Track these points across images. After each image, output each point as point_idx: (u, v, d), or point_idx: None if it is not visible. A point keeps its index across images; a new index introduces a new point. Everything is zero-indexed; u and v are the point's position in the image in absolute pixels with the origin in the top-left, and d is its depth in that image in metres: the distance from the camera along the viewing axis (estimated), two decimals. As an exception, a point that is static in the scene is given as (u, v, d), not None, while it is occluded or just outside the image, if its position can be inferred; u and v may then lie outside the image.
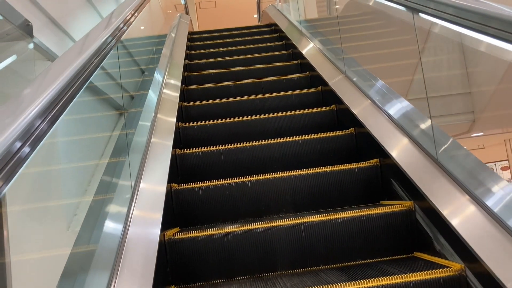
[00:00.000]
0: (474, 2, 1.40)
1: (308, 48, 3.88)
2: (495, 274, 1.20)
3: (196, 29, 11.22)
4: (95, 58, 1.56)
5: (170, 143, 2.31)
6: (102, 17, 3.35)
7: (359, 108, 2.45)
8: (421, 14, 1.79)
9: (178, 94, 3.09)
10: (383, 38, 3.10)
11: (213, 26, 14.51)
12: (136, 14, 2.57)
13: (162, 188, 1.88)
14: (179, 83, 3.32)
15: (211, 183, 2.10)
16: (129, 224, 1.59)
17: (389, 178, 2.03)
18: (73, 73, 1.31)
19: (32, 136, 0.98)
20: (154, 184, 1.89)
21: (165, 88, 3.06)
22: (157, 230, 1.59)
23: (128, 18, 2.25)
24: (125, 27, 2.16)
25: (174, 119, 2.64)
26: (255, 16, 14.15)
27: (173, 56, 3.90)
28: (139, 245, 1.50)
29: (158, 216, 1.68)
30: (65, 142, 1.67)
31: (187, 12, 7.85)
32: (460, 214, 1.45)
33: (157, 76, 3.11)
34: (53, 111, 1.12)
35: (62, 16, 2.66)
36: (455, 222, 1.43)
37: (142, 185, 1.85)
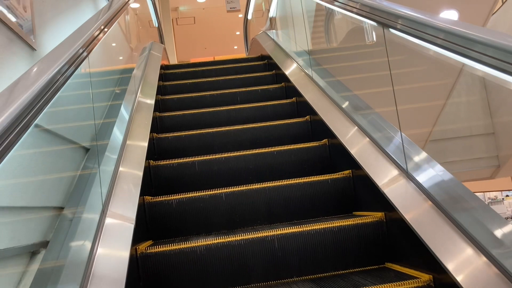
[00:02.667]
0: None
1: (310, 90, 2.94)
2: (461, 285, 1.22)
3: (173, 57, 9.61)
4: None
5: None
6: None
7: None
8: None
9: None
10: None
11: (191, 45, 13.88)
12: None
13: (135, 201, 1.87)
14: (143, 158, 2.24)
15: (184, 196, 2.09)
16: (100, 236, 1.57)
17: (361, 189, 2.06)
18: None
19: None
20: (126, 196, 1.87)
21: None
22: (128, 244, 1.58)
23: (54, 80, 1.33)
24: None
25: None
26: (238, 33, 13.51)
27: (143, 84, 3.20)
28: (108, 263, 1.48)
29: (129, 230, 1.67)
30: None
31: (161, 38, 6.31)
32: (427, 225, 1.48)
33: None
34: None
35: None
36: (423, 234, 1.45)
37: (114, 195, 1.83)
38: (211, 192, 2.11)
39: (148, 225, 2.06)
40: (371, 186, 1.86)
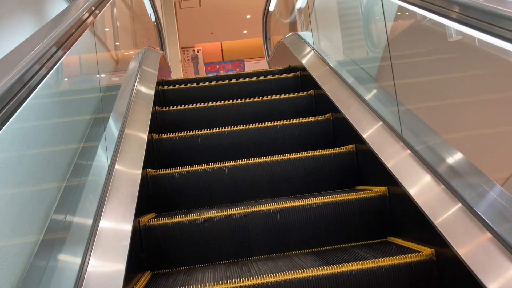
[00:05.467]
0: None
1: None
2: (463, 258, 1.22)
3: (175, 48, 8.50)
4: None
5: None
6: None
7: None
8: None
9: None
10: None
11: (196, 29, 12.97)
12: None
13: (138, 172, 1.86)
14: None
15: (187, 169, 2.09)
16: (103, 209, 1.57)
17: (364, 164, 2.05)
18: None
19: None
20: (129, 169, 1.87)
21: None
22: (131, 216, 1.58)
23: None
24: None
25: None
26: (248, 16, 12.69)
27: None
28: (111, 235, 1.48)
29: (132, 201, 1.67)
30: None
31: (160, 36, 4.60)
32: (431, 199, 1.47)
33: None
34: None
35: None
36: (426, 207, 1.45)
37: (117, 167, 1.82)
38: (214, 166, 2.10)
39: (151, 197, 2.06)
40: (375, 160, 1.85)
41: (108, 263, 1.38)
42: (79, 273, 1.27)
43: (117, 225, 1.54)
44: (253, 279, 1.40)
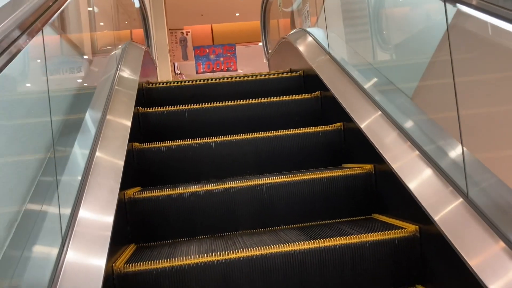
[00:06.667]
0: None
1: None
2: (446, 235, 1.24)
3: (163, 31, 8.15)
4: None
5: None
6: None
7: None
8: None
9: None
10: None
11: (185, 11, 12.40)
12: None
13: (123, 147, 1.84)
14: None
15: (173, 143, 2.07)
16: (88, 179, 1.55)
17: (352, 141, 2.05)
18: None
19: None
20: (114, 141, 1.84)
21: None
22: (116, 189, 1.57)
23: None
24: None
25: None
26: None
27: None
28: (96, 208, 1.47)
29: (118, 174, 1.65)
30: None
31: (147, 32, 4.09)
32: (417, 177, 1.48)
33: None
34: None
35: None
36: (411, 185, 1.46)
37: (100, 143, 1.80)
38: (201, 141, 2.09)
39: (136, 171, 2.05)
40: (362, 138, 1.85)
41: (93, 235, 1.36)
42: (61, 246, 1.26)
43: (102, 197, 1.52)
44: (238, 252, 1.40)
